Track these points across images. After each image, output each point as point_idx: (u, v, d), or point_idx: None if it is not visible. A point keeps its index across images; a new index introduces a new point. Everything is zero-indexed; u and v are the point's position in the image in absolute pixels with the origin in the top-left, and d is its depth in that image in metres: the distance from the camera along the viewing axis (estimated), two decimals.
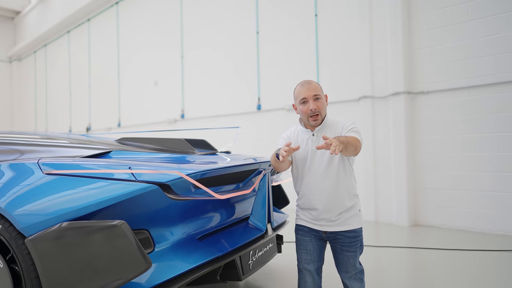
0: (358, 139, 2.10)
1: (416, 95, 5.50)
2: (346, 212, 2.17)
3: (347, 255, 2.19)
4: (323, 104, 2.18)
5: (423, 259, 4.03)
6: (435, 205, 5.34)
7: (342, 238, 2.17)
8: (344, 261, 2.20)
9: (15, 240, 1.84)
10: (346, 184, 2.17)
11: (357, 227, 2.19)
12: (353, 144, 2.03)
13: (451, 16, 5.18)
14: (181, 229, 2.11)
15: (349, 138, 2.05)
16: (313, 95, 2.15)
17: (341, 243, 2.18)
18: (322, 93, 2.20)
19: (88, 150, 2.52)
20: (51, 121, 15.54)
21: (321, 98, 2.17)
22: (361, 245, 2.24)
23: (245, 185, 2.54)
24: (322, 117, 2.18)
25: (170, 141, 2.83)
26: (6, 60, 18.08)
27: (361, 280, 2.24)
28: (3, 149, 2.61)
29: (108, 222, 1.75)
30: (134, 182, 1.88)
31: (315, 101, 2.15)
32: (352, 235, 2.18)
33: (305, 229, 2.26)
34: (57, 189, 1.91)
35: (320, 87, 2.21)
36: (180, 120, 9.45)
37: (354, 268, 2.20)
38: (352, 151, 2.06)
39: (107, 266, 1.74)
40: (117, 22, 11.65)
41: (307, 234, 2.25)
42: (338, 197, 2.15)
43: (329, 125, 2.23)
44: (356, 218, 2.19)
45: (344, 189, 2.16)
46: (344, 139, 1.99)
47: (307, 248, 2.25)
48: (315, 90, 2.16)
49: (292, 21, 7.12)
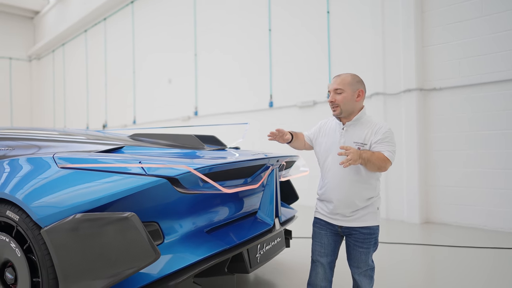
0: (385, 159, 2.06)
1: (429, 91, 5.45)
2: (363, 209, 2.17)
3: (360, 251, 2.20)
4: (344, 98, 2.18)
5: (434, 256, 4.02)
6: (447, 202, 5.30)
7: (357, 233, 2.19)
8: (356, 257, 2.22)
9: (31, 230, 1.94)
10: (366, 183, 2.16)
11: (373, 225, 2.19)
12: (376, 164, 2.05)
13: (464, 12, 5.12)
14: (189, 222, 2.17)
15: (375, 156, 2.06)
16: (334, 88, 2.21)
17: (355, 239, 2.20)
18: (348, 88, 2.19)
19: (101, 145, 2.61)
20: (69, 118, 15.89)
21: (344, 92, 2.18)
22: (376, 243, 2.24)
23: (253, 180, 2.59)
24: (341, 110, 2.19)
25: (180, 137, 2.90)
26: (26, 59, 18.54)
27: (371, 277, 2.25)
28: (21, 144, 2.72)
29: (119, 214, 1.82)
30: (144, 176, 1.95)
31: (335, 94, 2.20)
32: (367, 232, 2.18)
33: (321, 223, 2.31)
34: (71, 182, 1.99)
35: (349, 81, 2.20)
36: (194, 117, 9.55)
37: (365, 264, 2.21)
38: (374, 169, 2.09)
39: (118, 255, 1.82)
40: (133, 21, 11.82)
41: (323, 228, 2.29)
42: (355, 194, 2.15)
43: (361, 123, 2.22)
44: (373, 215, 2.19)
45: (363, 188, 2.16)
46: (367, 156, 2.03)
47: (321, 241, 2.29)
48: (338, 84, 2.20)
49: (304, 18, 7.12)
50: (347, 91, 2.19)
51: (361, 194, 2.16)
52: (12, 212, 2.01)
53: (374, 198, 2.20)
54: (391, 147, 2.10)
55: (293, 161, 3.23)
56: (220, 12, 8.88)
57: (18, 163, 2.25)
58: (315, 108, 6.87)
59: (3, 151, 2.65)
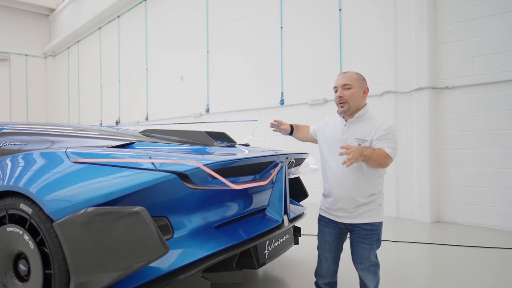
0: (386, 155, 2.09)
1: (441, 90, 5.38)
2: (365, 205, 2.20)
3: (362, 247, 2.23)
4: (352, 94, 2.22)
5: (445, 256, 3.98)
6: (458, 202, 5.23)
7: (359, 230, 2.22)
8: (359, 253, 2.25)
9: (44, 223, 1.98)
10: (367, 180, 2.19)
11: (375, 221, 2.21)
12: (377, 161, 2.08)
13: (478, 9, 5.04)
14: (198, 217, 2.20)
15: (376, 153, 2.08)
16: (342, 84, 2.24)
17: (357, 235, 2.23)
18: (356, 84, 2.23)
19: (113, 141, 2.65)
20: (83, 115, 16.12)
21: (352, 88, 2.22)
22: (378, 239, 2.25)
23: (262, 176, 2.60)
24: (349, 106, 2.23)
25: (190, 133, 2.92)
26: (42, 56, 18.85)
27: (375, 273, 2.27)
28: (35, 139, 2.78)
29: (129, 208, 1.85)
30: (154, 171, 1.98)
31: (343, 90, 2.23)
32: (369, 228, 2.21)
33: (325, 220, 2.37)
34: (82, 177, 2.03)
35: (356, 78, 2.26)
36: (205, 114, 9.60)
37: (368, 260, 2.23)
38: (375, 166, 2.12)
39: (128, 249, 1.84)
40: (146, 19, 11.92)
41: (327, 225, 2.36)
42: (356, 190, 2.19)
43: (364, 120, 2.25)
44: (375, 212, 2.21)
45: (364, 184, 2.19)
46: (368, 153, 2.06)
47: (325, 238, 2.37)
48: (346, 79, 2.24)
49: (316, 16, 7.09)
50: (355, 87, 2.23)
51: (362, 190, 2.19)
52: (26, 205, 2.06)
53: (376, 195, 2.22)
54: (392, 143, 2.12)
55: (303, 158, 3.24)
56: (232, 10, 8.89)
57: (31, 157, 2.30)
58: (326, 106, 6.85)
59: (17, 145, 2.72)
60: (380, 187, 2.25)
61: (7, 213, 2.16)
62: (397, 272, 3.47)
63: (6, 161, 2.38)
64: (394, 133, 2.17)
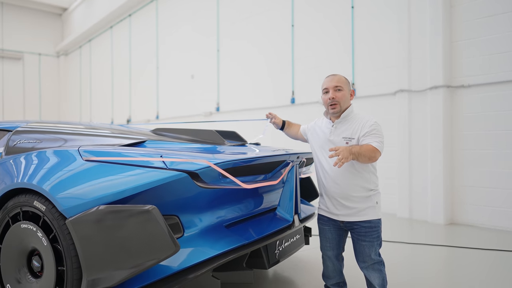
0: (374, 149, 2.16)
1: (456, 89, 5.29)
2: (362, 203, 2.26)
3: (363, 245, 2.29)
4: (343, 96, 2.32)
5: (459, 259, 3.92)
6: (473, 203, 5.15)
7: (358, 228, 2.29)
8: (361, 251, 2.32)
9: (57, 220, 1.99)
10: (359, 175, 2.27)
11: (373, 218, 2.28)
12: (366, 156, 2.15)
13: (494, 6, 4.94)
14: (209, 216, 2.20)
15: (363, 148, 2.15)
16: (334, 85, 2.32)
17: (357, 233, 2.30)
18: (345, 86, 2.34)
19: (125, 139, 2.66)
20: (94, 113, 16.28)
21: (343, 90, 2.32)
22: (378, 236, 2.32)
23: (272, 176, 2.58)
24: (341, 107, 2.32)
25: (201, 132, 2.92)
26: (54, 55, 19.09)
27: (380, 271, 2.32)
28: (49, 137, 2.81)
29: (140, 207, 1.86)
30: (165, 170, 1.98)
31: (335, 91, 2.32)
32: (368, 225, 2.27)
33: (324, 219, 2.44)
34: (94, 175, 2.04)
35: (345, 81, 2.37)
36: (216, 113, 9.62)
37: (370, 258, 2.29)
38: (366, 161, 2.19)
39: (138, 247, 1.85)
40: (157, 17, 11.98)
41: (326, 223, 2.43)
42: (349, 186, 2.26)
43: (349, 120, 2.34)
44: (372, 209, 2.28)
45: (357, 179, 2.26)
46: (357, 150, 2.13)
47: (326, 236, 2.44)
48: (337, 82, 2.33)
49: (328, 13, 7.03)
50: (345, 89, 2.34)
51: (356, 185, 2.26)
52: (39, 202, 2.08)
53: (372, 191, 2.29)
54: (378, 138, 2.21)
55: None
56: (242, 9, 8.88)
57: (45, 155, 2.32)
58: None
59: (31, 143, 2.74)
60: (374, 184, 2.31)
61: (21, 210, 2.18)
62: (410, 274, 3.42)
63: (20, 158, 2.41)
64: (379, 128, 2.26)
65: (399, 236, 4.64)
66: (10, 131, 2.91)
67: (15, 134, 2.81)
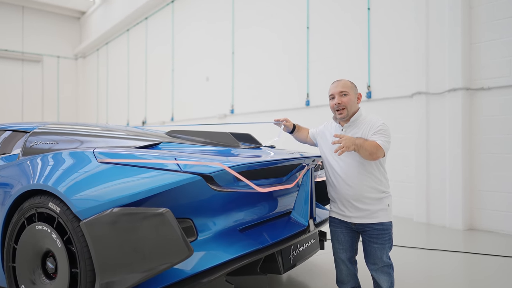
0: (378, 146, 2.17)
1: (476, 91, 5.16)
2: (374, 205, 2.27)
3: (375, 247, 2.29)
4: (350, 100, 2.33)
5: (478, 266, 3.80)
6: (493, 208, 5.00)
7: (370, 230, 2.29)
8: (372, 253, 2.31)
9: (71, 222, 1.99)
10: (370, 175, 2.27)
11: (385, 221, 2.28)
12: (368, 150, 2.14)
13: None
14: (223, 220, 2.16)
15: (367, 142, 2.17)
16: (339, 91, 2.35)
17: (369, 235, 2.30)
18: (351, 91, 2.36)
19: (139, 141, 2.65)
20: (111, 115, 16.50)
21: (349, 94, 2.34)
22: (390, 239, 2.32)
23: (287, 179, 2.54)
24: (348, 112, 2.34)
25: (216, 135, 2.90)
26: (73, 58, 19.45)
27: (389, 275, 2.32)
28: (65, 138, 2.82)
29: (154, 209, 1.84)
30: (180, 172, 1.96)
31: (340, 96, 2.34)
32: (380, 228, 2.27)
33: (336, 221, 2.45)
34: (109, 177, 2.04)
35: (350, 85, 2.40)
36: (230, 115, 9.62)
37: (381, 261, 2.30)
38: (367, 155, 2.19)
39: (152, 251, 1.83)
40: (172, 20, 12.07)
41: (338, 226, 2.43)
42: (362, 186, 2.26)
43: (359, 123, 2.35)
44: (384, 212, 2.28)
45: (368, 179, 2.26)
46: (360, 142, 2.15)
47: (339, 239, 2.44)
48: (342, 87, 2.36)
49: (343, 15, 6.96)
50: (351, 93, 2.35)
51: (368, 186, 2.26)
52: (54, 204, 2.08)
53: (383, 194, 2.29)
54: (384, 137, 2.22)
55: None
56: (258, 11, 8.87)
57: (60, 157, 2.33)
58: None
59: (48, 144, 2.76)
60: (385, 186, 2.32)
61: (37, 211, 2.19)
62: (428, 282, 3.33)
63: (37, 160, 2.43)
64: (387, 129, 2.27)
65: (415, 241, 4.53)
66: (27, 132, 2.94)
67: (32, 136, 2.84)
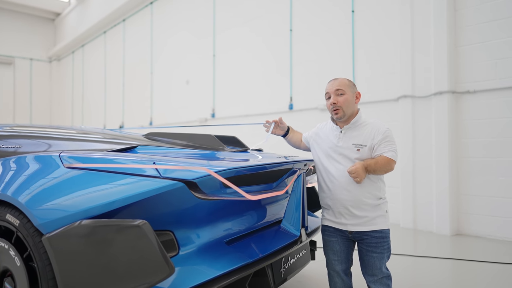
0: (390, 161, 2.08)
1: (461, 94, 5.11)
2: (372, 211, 2.13)
3: (373, 257, 2.14)
4: (346, 100, 2.18)
5: (466, 272, 3.68)
6: (481, 213, 4.93)
7: (368, 238, 2.14)
8: (370, 263, 2.15)
9: (32, 237, 1.73)
10: (370, 182, 2.14)
11: (384, 228, 2.15)
12: (383, 169, 2.08)
13: (501, 9, 4.78)
14: (208, 232, 1.94)
15: (379, 163, 2.07)
16: (335, 90, 2.20)
17: (367, 244, 2.15)
18: (348, 89, 2.20)
19: (113, 144, 2.40)
20: (86, 119, 15.96)
21: (345, 94, 2.19)
22: (389, 247, 2.18)
23: (278, 185, 2.34)
24: (344, 112, 2.18)
25: (199, 137, 2.68)
26: (46, 60, 18.77)
27: (388, 286, 2.17)
28: (32, 142, 2.54)
29: (129, 221, 1.61)
30: (158, 178, 1.73)
31: (336, 96, 2.19)
32: (379, 236, 2.13)
33: (330, 229, 2.27)
34: (77, 184, 1.78)
35: (347, 84, 2.23)
36: (211, 119, 9.38)
37: (380, 271, 2.14)
38: (383, 173, 2.12)
39: (126, 269, 1.60)
40: (151, 22, 11.76)
41: (332, 235, 2.26)
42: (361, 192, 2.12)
43: (359, 126, 2.21)
44: (383, 218, 2.15)
45: (368, 186, 2.13)
46: (372, 167, 2.06)
47: (333, 249, 2.25)
48: (339, 85, 2.20)
49: (327, 18, 6.86)
50: (348, 92, 2.20)
51: (368, 192, 2.13)
52: (12, 216, 1.81)
53: (381, 200, 2.17)
54: (392, 145, 2.12)
55: None
56: (240, 13, 8.70)
57: (23, 161, 2.05)
58: None
59: (11, 148, 2.48)
60: (383, 192, 2.21)
61: None
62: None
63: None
64: (392, 135, 2.16)
65: (402, 248, 4.40)
66: None
67: None
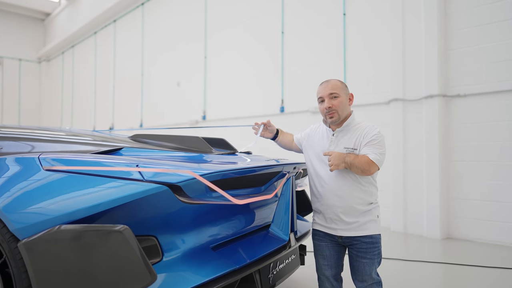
0: (370, 162, 1.99)
1: (452, 98, 5.11)
2: (363, 216, 2.09)
3: (363, 262, 2.09)
4: (340, 103, 2.12)
5: (456, 276, 3.66)
6: (471, 217, 4.93)
7: (359, 243, 2.09)
8: (360, 269, 2.11)
9: (7, 242, 1.65)
10: (361, 185, 2.09)
11: (375, 233, 2.11)
12: (360, 167, 1.99)
13: (491, 14, 4.80)
14: (193, 237, 1.87)
15: (358, 160, 2.00)
16: (328, 93, 2.13)
17: (357, 249, 2.11)
18: (342, 92, 2.15)
19: (97, 146, 2.33)
20: (76, 120, 15.77)
21: (339, 96, 2.13)
22: (379, 253, 2.14)
23: (266, 189, 2.29)
24: (339, 115, 2.13)
25: (186, 139, 2.62)
26: (36, 61, 18.53)
27: None
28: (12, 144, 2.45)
29: (110, 226, 1.54)
30: (141, 182, 1.67)
31: (330, 99, 2.13)
32: (369, 241, 2.09)
33: (320, 234, 2.23)
34: (55, 188, 1.71)
35: (340, 86, 2.16)
36: (202, 121, 9.30)
37: (370, 277, 2.10)
38: (359, 172, 2.03)
39: (107, 276, 1.53)
40: (142, 23, 11.66)
41: (322, 239, 2.22)
42: (352, 197, 2.08)
43: (351, 128, 2.16)
44: (374, 223, 2.11)
45: (358, 190, 2.09)
46: (350, 160, 1.99)
47: (323, 254, 2.21)
48: (332, 88, 2.13)
49: (319, 21, 6.84)
50: (342, 95, 2.14)
51: (359, 197, 2.09)
52: None
53: (373, 205, 2.13)
54: (378, 149, 2.04)
55: None
56: (231, 15, 8.65)
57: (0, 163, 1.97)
58: None
59: None
60: (375, 197, 2.16)
61: None
62: None
63: None
64: (381, 139, 2.08)
65: (393, 252, 4.37)
66: None
67: None
